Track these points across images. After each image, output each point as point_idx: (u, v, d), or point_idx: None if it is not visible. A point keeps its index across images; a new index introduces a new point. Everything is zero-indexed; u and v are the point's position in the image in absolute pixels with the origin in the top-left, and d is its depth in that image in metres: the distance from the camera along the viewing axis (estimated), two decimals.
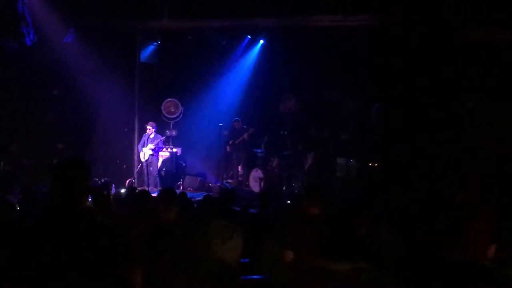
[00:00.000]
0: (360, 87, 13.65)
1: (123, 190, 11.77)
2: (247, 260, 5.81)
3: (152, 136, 13.91)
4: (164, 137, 14.43)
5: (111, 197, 10.02)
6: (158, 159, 14.31)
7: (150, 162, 13.97)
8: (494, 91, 11.03)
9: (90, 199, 6.41)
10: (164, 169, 15.04)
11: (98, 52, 13.51)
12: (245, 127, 15.03)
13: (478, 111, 11.25)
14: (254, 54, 15.78)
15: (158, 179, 14.13)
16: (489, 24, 10.97)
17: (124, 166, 15.02)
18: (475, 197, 5.30)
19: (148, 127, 13.94)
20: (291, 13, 12.49)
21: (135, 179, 14.47)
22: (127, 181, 14.08)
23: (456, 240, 4.69)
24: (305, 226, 4.82)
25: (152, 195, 7.39)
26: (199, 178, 15.00)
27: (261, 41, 15.42)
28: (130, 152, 14.95)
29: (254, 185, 14.13)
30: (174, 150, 15.31)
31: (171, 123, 15.81)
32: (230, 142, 15.20)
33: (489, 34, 11.05)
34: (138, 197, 7.00)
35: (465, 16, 11.02)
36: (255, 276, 5.50)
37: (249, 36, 15.16)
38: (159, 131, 14.38)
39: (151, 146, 13.81)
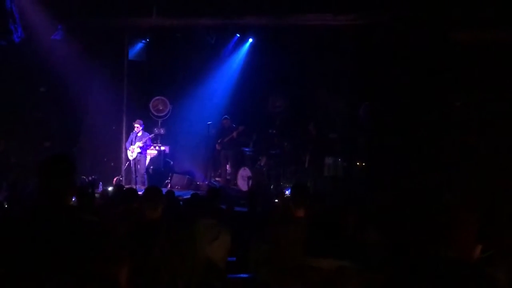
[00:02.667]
0: (348, 87, 13.67)
1: (110, 188, 11.74)
2: (234, 258, 5.81)
3: (139, 134, 13.88)
4: (152, 135, 14.42)
5: (98, 194, 10.02)
6: (146, 157, 14.30)
7: (138, 160, 13.95)
8: (482, 91, 11.09)
9: (74, 198, 6.40)
10: (152, 167, 15.03)
11: (86, 50, 13.47)
12: (234, 125, 15.03)
13: (466, 112, 11.31)
14: (243, 52, 15.79)
15: (145, 177, 14.12)
16: (475, 25, 11.03)
17: (112, 164, 14.99)
18: (462, 197, 5.32)
19: (136, 125, 13.91)
20: (280, 12, 12.49)
21: (123, 177, 14.43)
22: (115, 179, 14.05)
23: (443, 239, 4.70)
24: (290, 226, 4.82)
25: (139, 193, 7.39)
26: (187, 177, 14.99)
27: (250, 40, 15.43)
28: (118, 150, 14.92)
29: (242, 184, 14.14)
30: (162, 148, 15.31)
31: (159, 121, 15.80)
32: (219, 141, 15.19)
33: (476, 34, 11.11)
34: (125, 195, 6.99)
35: (452, 16, 11.08)
36: (242, 275, 5.50)
37: (238, 35, 15.16)
38: (147, 129, 14.37)
39: (139, 144, 13.78)
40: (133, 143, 13.86)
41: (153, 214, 4.88)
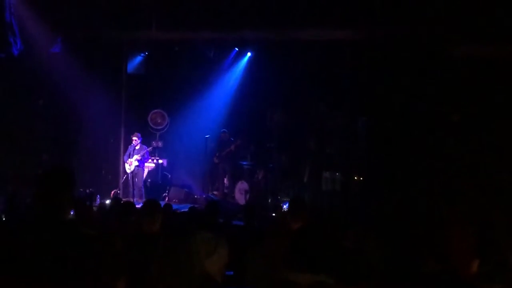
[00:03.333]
0: (347, 101, 13.70)
1: (108, 201, 11.72)
2: (231, 272, 5.80)
3: (137, 147, 13.89)
4: (150, 148, 14.42)
5: (96, 207, 10.01)
6: (143, 170, 14.29)
7: (136, 173, 13.94)
8: (479, 105, 11.13)
9: (73, 210, 6.39)
10: (149, 180, 15.01)
11: (85, 63, 13.48)
12: (232, 139, 15.04)
13: (463, 127, 11.34)
14: (241, 66, 15.82)
15: (143, 190, 14.09)
16: (473, 41, 11.08)
17: (110, 176, 14.98)
18: (460, 211, 5.32)
19: (134, 138, 13.92)
20: (279, 26, 12.52)
21: (120, 190, 14.41)
22: (112, 192, 14.02)
23: (440, 254, 4.70)
24: (287, 240, 4.82)
25: (137, 206, 7.38)
26: (184, 190, 14.97)
27: (249, 54, 15.47)
28: (115, 162, 14.91)
29: (240, 197, 14.12)
30: (160, 161, 15.30)
31: (157, 134, 15.81)
32: (217, 154, 15.20)
33: (473, 50, 11.16)
34: (123, 208, 6.98)
35: (450, 32, 11.14)
36: None
37: (237, 49, 15.20)
38: (145, 141, 14.38)
39: (136, 157, 13.78)
40: (131, 156, 13.86)
41: (151, 227, 4.88)
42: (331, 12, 11.70)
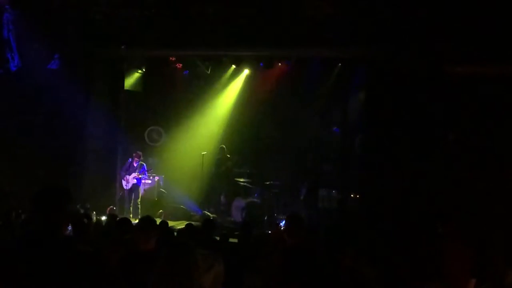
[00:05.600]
0: (343, 118, 13.74)
1: (103, 218, 11.68)
2: None
3: (136, 165, 13.90)
4: (150, 169, 14.45)
5: (92, 224, 9.96)
6: (140, 187, 14.27)
7: (132, 190, 13.93)
8: (476, 124, 11.17)
9: (70, 227, 6.37)
10: (145, 197, 14.96)
11: (83, 79, 13.50)
12: (228, 156, 15.07)
13: (459, 144, 11.37)
14: (238, 83, 15.87)
15: (139, 207, 14.05)
16: (473, 59, 11.14)
17: (106, 193, 14.92)
18: (456, 231, 5.32)
19: (136, 157, 13.96)
20: (275, 45, 12.57)
21: (116, 207, 14.36)
22: (108, 209, 13.96)
23: (437, 273, 4.71)
24: (283, 258, 4.81)
25: (133, 223, 7.35)
26: (180, 207, 14.94)
27: (246, 71, 15.52)
28: (112, 179, 14.86)
29: (236, 215, 14.08)
30: (156, 178, 15.27)
31: (154, 151, 15.80)
32: (213, 171, 15.20)
33: (473, 68, 11.22)
34: (119, 225, 6.96)
35: (449, 50, 11.20)
36: None
37: (234, 66, 15.25)
38: (142, 158, 14.38)
39: (135, 174, 13.79)
40: (128, 173, 13.86)
41: (146, 244, 4.87)
42: (326, 32, 11.74)
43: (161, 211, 14.64)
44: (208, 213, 14.60)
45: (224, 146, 15.20)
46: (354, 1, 11.44)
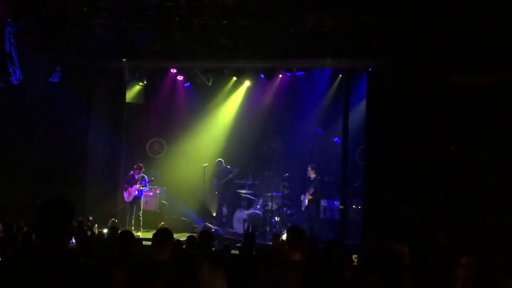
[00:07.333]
0: (344, 129, 13.76)
1: (105, 230, 11.67)
2: None
3: (137, 177, 13.89)
4: (152, 179, 14.43)
5: (94, 237, 9.96)
6: (142, 199, 14.25)
7: (134, 202, 13.90)
8: (476, 135, 11.18)
9: (73, 240, 6.39)
10: (147, 209, 14.94)
11: (84, 92, 13.55)
12: (229, 167, 15.10)
13: (460, 156, 11.37)
14: (240, 95, 15.91)
15: (141, 219, 14.03)
16: (471, 70, 11.17)
17: (107, 205, 14.90)
18: (458, 241, 5.33)
19: (138, 169, 13.93)
20: (276, 56, 12.61)
21: (118, 219, 14.33)
22: (110, 221, 13.95)
23: (437, 285, 4.70)
24: (286, 270, 4.82)
25: (136, 235, 7.36)
26: (182, 219, 14.92)
27: (247, 82, 15.56)
28: (113, 191, 14.84)
29: (238, 226, 14.07)
30: (158, 190, 15.27)
31: (156, 163, 15.82)
32: (215, 183, 15.22)
33: (471, 79, 11.24)
34: (120, 237, 6.95)
35: (447, 61, 11.22)
36: None
37: (235, 78, 15.28)
38: (143, 170, 14.37)
39: (137, 187, 13.77)
40: (130, 185, 13.84)
41: (161, 255, 4.88)
42: (327, 43, 11.78)
43: (162, 223, 14.60)
44: (210, 225, 14.60)
45: (221, 160, 15.25)
46: (354, 14, 11.47)
